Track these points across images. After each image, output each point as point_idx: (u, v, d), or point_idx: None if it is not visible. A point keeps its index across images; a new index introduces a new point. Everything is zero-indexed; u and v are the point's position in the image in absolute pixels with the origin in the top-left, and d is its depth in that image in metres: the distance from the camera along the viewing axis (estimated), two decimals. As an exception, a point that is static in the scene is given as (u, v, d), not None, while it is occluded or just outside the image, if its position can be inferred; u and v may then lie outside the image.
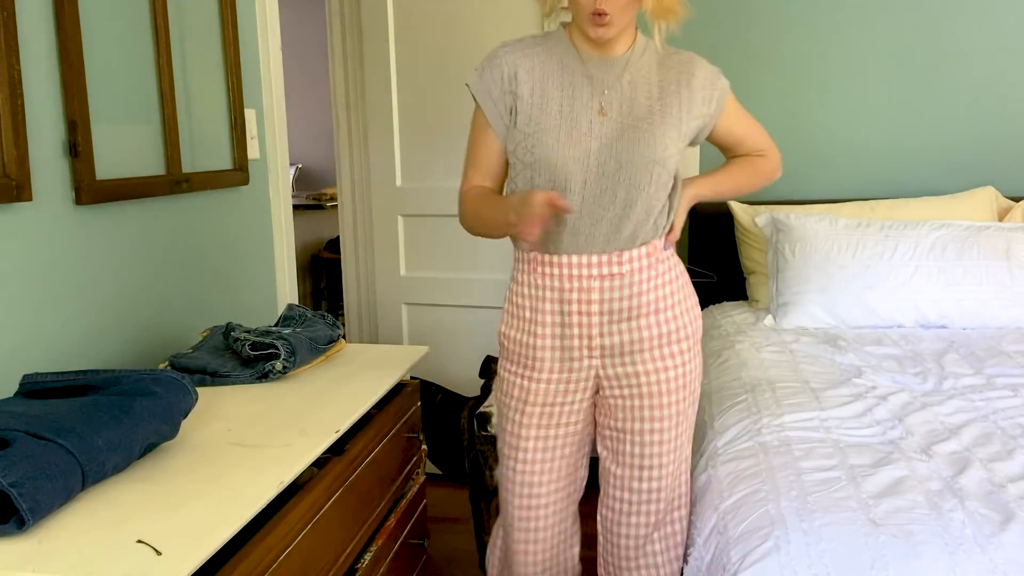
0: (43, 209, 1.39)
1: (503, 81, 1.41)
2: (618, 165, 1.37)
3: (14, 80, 1.27)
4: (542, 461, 1.50)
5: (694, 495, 1.56)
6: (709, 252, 2.92)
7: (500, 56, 1.42)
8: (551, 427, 1.48)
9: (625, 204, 1.38)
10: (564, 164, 1.36)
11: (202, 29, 1.84)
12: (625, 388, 1.45)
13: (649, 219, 1.41)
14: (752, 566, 1.19)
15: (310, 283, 5.23)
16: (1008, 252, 2.31)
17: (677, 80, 1.43)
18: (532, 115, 1.39)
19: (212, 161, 1.89)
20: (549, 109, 1.38)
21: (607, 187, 1.37)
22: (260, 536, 1.08)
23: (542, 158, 1.37)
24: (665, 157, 1.38)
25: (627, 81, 1.41)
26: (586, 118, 1.38)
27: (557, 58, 1.42)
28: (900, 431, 1.58)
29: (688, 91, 1.43)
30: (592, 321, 1.42)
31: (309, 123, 5.82)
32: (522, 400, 1.47)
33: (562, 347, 1.44)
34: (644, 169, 1.37)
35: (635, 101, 1.40)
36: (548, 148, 1.37)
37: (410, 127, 2.90)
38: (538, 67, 1.41)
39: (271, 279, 2.21)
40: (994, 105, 2.79)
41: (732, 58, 2.87)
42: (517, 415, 1.49)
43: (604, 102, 1.39)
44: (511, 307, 1.49)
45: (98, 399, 1.13)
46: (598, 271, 1.40)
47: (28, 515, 0.94)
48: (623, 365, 1.44)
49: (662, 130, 1.38)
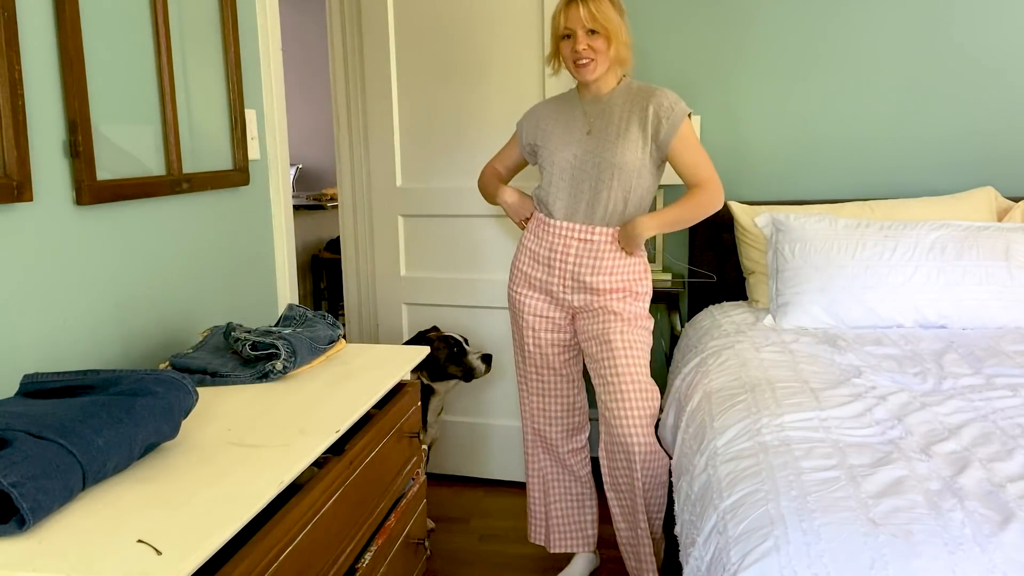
0: (43, 209, 1.39)
1: (532, 122, 2.20)
2: (592, 165, 2.07)
3: (14, 80, 1.28)
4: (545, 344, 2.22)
5: (694, 495, 1.56)
6: (709, 252, 2.92)
7: (532, 111, 2.23)
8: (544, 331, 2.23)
9: (595, 192, 2.07)
10: (559, 161, 2.11)
11: (202, 29, 1.84)
12: (588, 312, 2.15)
13: (613, 208, 2.08)
14: (752, 566, 1.19)
15: (310, 283, 5.23)
16: (1007, 252, 2.31)
17: (640, 108, 2.05)
18: (545, 135, 2.15)
19: (212, 161, 1.89)
20: (556, 130, 2.13)
21: (585, 179, 2.08)
22: (260, 536, 1.08)
23: (546, 157, 2.14)
24: (623, 163, 2.04)
25: (607, 111, 2.08)
26: (578, 136, 2.10)
27: (567, 103, 2.16)
28: (900, 431, 1.58)
29: (644, 116, 2.04)
30: (567, 267, 2.12)
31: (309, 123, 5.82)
32: (530, 308, 2.20)
33: (547, 280, 2.17)
34: (607, 170, 2.05)
35: (609, 124, 2.06)
36: (550, 150, 2.13)
37: (410, 127, 2.90)
38: (555, 112, 2.16)
39: (271, 279, 2.21)
40: (994, 105, 2.79)
41: (732, 58, 2.88)
42: (529, 318, 2.21)
43: (591, 127, 2.09)
44: (524, 249, 2.21)
45: (98, 399, 1.13)
46: (576, 235, 2.11)
47: (29, 515, 0.94)
48: (587, 300, 2.14)
49: (623, 144, 2.04)
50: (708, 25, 2.89)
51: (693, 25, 2.90)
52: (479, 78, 2.80)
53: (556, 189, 2.11)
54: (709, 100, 2.92)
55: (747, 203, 2.84)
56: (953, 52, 2.78)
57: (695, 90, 2.92)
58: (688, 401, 2.01)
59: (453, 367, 2.57)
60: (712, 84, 2.91)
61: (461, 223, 2.90)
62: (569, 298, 2.14)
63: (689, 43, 2.91)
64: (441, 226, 2.93)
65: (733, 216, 2.79)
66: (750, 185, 2.96)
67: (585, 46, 1.97)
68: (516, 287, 2.22)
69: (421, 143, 2.89)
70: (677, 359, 2.51)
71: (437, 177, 2.89)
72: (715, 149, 2.95)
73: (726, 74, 2.90)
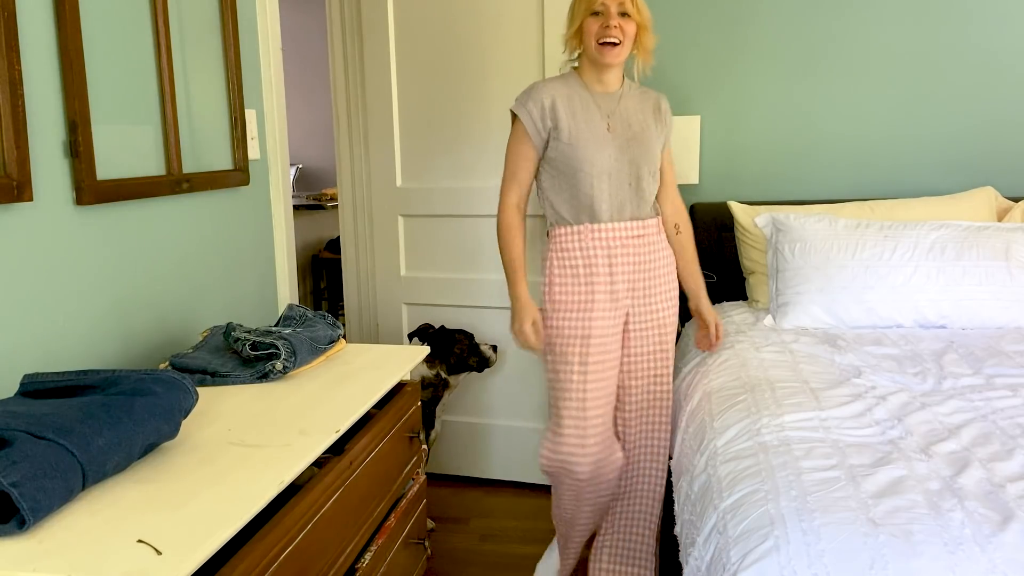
0: (43, 209, 1.39)
1: (543, 109, 1.97)
2: (628, 163, 2.00)
3: (14, 80, 1.28)
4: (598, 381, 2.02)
5: (694, 494, 1.56)
6: (709, 252, 2.92)
7: (540, 89, 1.99)
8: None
9: (636, 190, 2.02)
10: (599, 163, 1.97)
11: (202, 29, 1.84)
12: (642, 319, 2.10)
13: (651, 199, 2.06)
14: (752, 566, 1.19)
15: (310, 283, 5.24)
16: (1007, 252, 2.31)
17: (652, 108, 2.08)
18: (572, 131, 1.96)
19: (212, 161, 1.89)
20: (581, 126, 1.97)
21: (624, 179, 2.00)
22: (260, 536, 1.08)
23: (584, 159, 1.96)
24: (652, 160, 2.04)
25: (624, 109, 2.02)
26: (601, 133, 1.98)
27: (577, 92, 2.01)
28: (899, 431, 1.58)
29: (658, 116, 2.08)
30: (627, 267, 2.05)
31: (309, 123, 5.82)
32: (599, 330, 2.03)
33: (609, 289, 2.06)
34: (644, 167, 2.01)
35: (632, 122, 2.02)
36: (589, 152, 1.96)
37: (410, 127, 2.90)
38: (565, 98, 1.98)
39: (271, 279, 2.21)
40: (994, 105, 2.79)
41: (732, 58, 2.87)
42: (598, 340, 2.02)
43: (610, 123, 2.00)
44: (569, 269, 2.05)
45: (98, 399, 1.13)
46: (631, 232, 2.04)
47: (29, 515, 0.94)
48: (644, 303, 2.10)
49: (651, 143, 2.03)
50: (708, 25, 2.89)
51: (693, 25, 2.90)
52: (479, 78, 2.80)
53: (599, 192, 1.97)
54: (709, 100, 2.92)
55: (747, 203, 2.83)
56: (953, 52, 2.78)
57: (695, 90, 2.92)
58: (688, 401, 2.01)
59: (473, 358, 2.67)
60: (712, 84, 2.91)
61: (461, 223, 2.90)
62: (628, 302, 2.06)
63: (689, 43, 2.91)
64: (441, 226, 2.93)
65: (733, 216, 2.79)
66: (750, 185, 2.96)
67: (617, 24, 1.90)
68: (573, 314, 2.01)
69: (421, 143, 2.89)
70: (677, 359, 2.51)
71: (437, 177, 2.89)
72: (715, 149, 2.95)
73: (726, 74, 2.89)
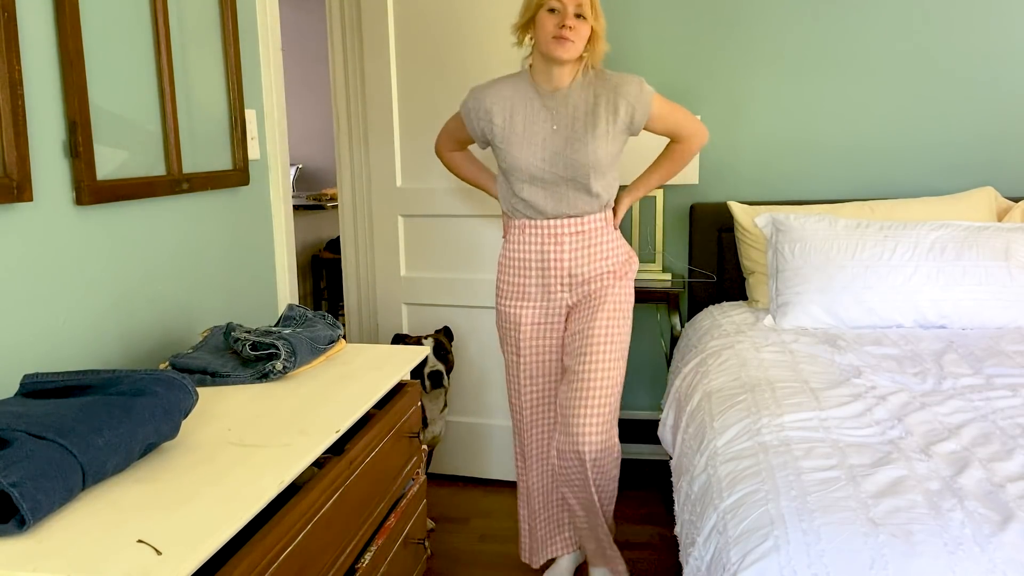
0: (43, 209, 1.39)
1: (480, 111, 2.07)
2: (564, 166, 2.00)
3: (14, 80, 1.28)
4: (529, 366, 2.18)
5: (694, 495, 1.56)
6: (709, 252, 2.92)
7: (479, 94, 2.08)
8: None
9: (575, 189, 2.02)
10: (532, 165, 2.01)
11: (202, 29, 1.84)
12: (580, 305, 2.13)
13: (596, 195, 2.04)
14: (752, 566, 1.19)
15: (310, 283, 5.24)
16: (1007, 252, 2.31)
17: (607, 102, 2.00)
18: (504, 135, 2.03)
19: (212, 161, 1.89)
20: (516, 130, 2.02)
21: (559, 180, 2.02)
22: (260, 536, 1.08)
23: (516, 161, 2.02)
24: (596, 161, 1.99)
25: (568, 106, 2.01)
26: (542, 134, 2.01)
27: (522, 93, 2.05)
28: (899, 431, 1.58)
29: (613, 111, 2.00)
30: (562, 264, 2.10)
31: (309, 123, 5.82)
32: (527, 318, 2.16)
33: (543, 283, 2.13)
34: (581, 169, 1.99)
35: (575, 120, 2.00)
36: (523, 154, 2.01)
37: (410, 127, 2.90)
38: (508, 100, 2.05)
39: (271, 279, 2.21)
40: (994, 105, 2.79)
41: (732, 58, 2.88)
42: (527, 328, 2.16)
43: (555, 122, 2.01)
44: (510, 261, 2.16)
45: (98, 399, 1.13)
46: (568, 229, 2.08)
47: (29, 515, 0.94)
48: (582, 293, 2.12)
49: (593, 143, 1.98)
50: (709, 25, 2.89)
51: (694, 25, 2.90)
52: (479, 78, 2.80)
53: (530, 192, 2.04)
54: (709, 100, 2.92)
55: (747, 203, 2.84)
56: (953, 53, 2.78)
57: (695, 90, 2.92)
58: (688, 401, 2.01)
59: (451, 355, 2.71)
60: (712, 84, 2.91)
61: (461, 223, 2.90)
62: (566, 296, 2.11)
63: (690, 43, 2.91)
64: (441, 226, 2.93)
65: (733, 216, 2.79)
66: (750, 185, 2.96)
67: (572, 25, 1.90)
68: (508, 301, 2.16)
69: (421, 143, 2.89)
70: (677, 359, 2.51)
71: (437, 177, 2.89)
72: (715, 149, 2.95)
73: (726, 74, 2.89)
